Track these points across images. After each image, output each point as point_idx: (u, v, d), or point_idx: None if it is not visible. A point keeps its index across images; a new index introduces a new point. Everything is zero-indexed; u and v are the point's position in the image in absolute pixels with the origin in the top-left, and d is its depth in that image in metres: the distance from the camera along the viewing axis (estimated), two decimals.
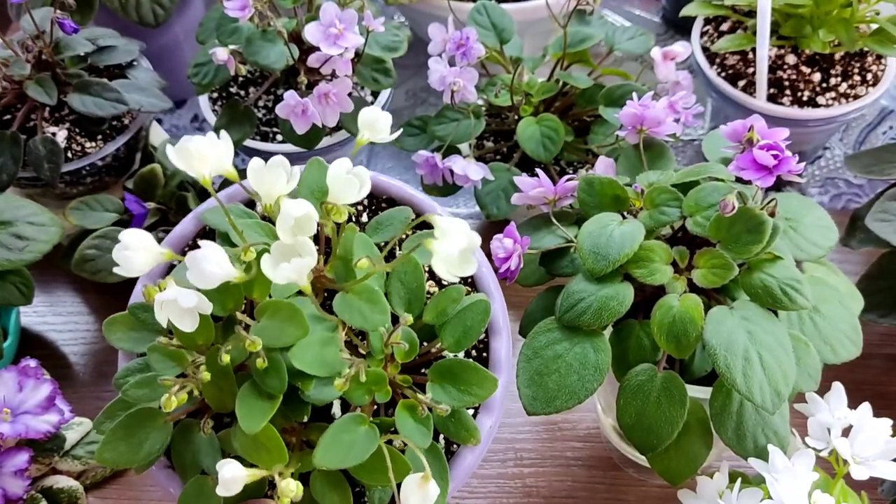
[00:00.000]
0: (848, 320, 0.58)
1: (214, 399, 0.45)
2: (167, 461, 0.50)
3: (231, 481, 0.40)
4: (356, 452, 0.44)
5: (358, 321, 0.44)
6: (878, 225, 0.69)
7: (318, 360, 0.43)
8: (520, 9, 0.94)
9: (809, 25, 0.86)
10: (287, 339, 0.43)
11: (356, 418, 0.45)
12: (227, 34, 0.81)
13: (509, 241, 0.58)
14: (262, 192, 0.43)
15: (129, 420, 0.46)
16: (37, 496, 0.66)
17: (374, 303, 0.44)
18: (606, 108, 0.80)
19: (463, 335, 0.50)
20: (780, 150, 0.55)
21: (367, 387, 0.46)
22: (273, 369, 0.43)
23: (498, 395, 0.51)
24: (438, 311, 0.50)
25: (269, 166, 0.42)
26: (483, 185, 0.80)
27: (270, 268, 0.40)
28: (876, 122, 1.04)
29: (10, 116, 0.81)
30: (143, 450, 0.46)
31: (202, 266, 0.39)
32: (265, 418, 0.42)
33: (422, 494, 0.41)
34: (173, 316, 0.41)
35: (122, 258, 0.41)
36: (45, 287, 0.92)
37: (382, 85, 0.83)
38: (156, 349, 0.47)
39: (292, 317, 0.43)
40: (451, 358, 0.50)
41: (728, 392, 0.54)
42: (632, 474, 0.76)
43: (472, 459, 0.51)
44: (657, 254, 0.55)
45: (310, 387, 0.44)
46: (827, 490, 0.52)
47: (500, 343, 0.55)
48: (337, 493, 0.46)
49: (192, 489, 0.46)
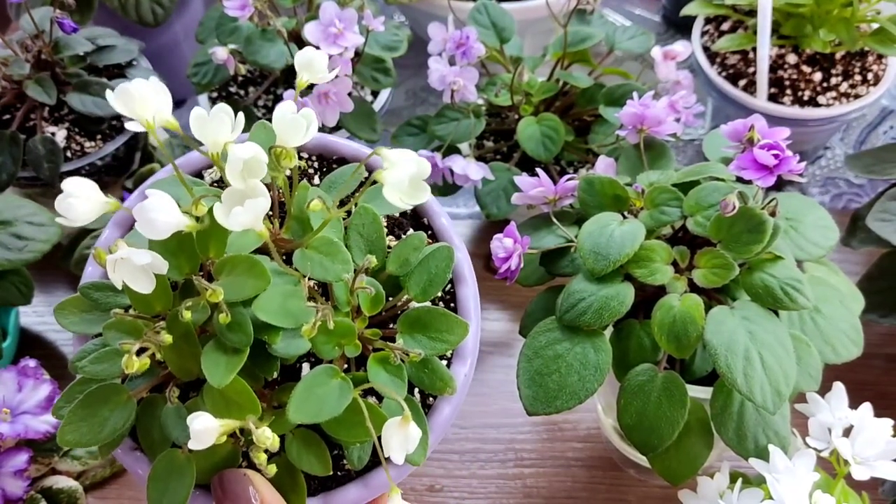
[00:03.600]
0: (849, 320, 0.58)
1: (177, 365, 0.43)
2: (133, 443, 0.47)
3: (203, 432, 0.38)
4: (331, 405, 0.42)
5: (319, 273, 0.42)
6: (879, 225, 0.69)
7: (283, 310, 0.42)
8: (520, 8, 0.94)
9: (810, 25, 0.86)
10: (249, 290, 0.41)
11: (328, 370, 0.44)
12: (226, 33, 0.81)
13: (509, 240, 0.58)
14: (208, 140, 0.41)
15: (89, 399, 0.44)
16: (36, 496, 0.65)
17: (335, 253, 0.43)
18: (607, 107, 0.80)
19: (428, 283, 0.48)
20: (780, 150, 0.55)
21: (336, 339, 0.45)
22: (236, 323, 0.41)
23: (469, 343, 0.50)
24: (401, 260, 0.48)
25: (213, 113, 0.40)
26: (483, 185, 0.80)
27: (223, 215, 0.38)
28: (877, 121, 1.04)
29: (9, 116, 0.81)
30: (106, 428, 0.44)
31: (151, 215, 0.37)
32: (233, 371, 0.41)
33: (402, 436, 0.40)
34: (128, 277, 0.39)
35: (65, 206, 0.39)
36: (44, 287, 0.92)
37: (382, 84, 0.83)
38: (112, 325, 0.44)
39: (252, 268, 0.41)
40: (419, 307, 0.49)
41: (729, 392, 0.54)
42: (632, 474, 0.76)
43: (449, 411, 0.49)
44: (658, 254, 0.55)
45: (276, 339, 0.42)
46: (828, 490, 0.52)
47: (466, 291, 0.52)
48: (314, 454, 0.45)
49: (162, 464, 0.44)
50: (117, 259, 0.38)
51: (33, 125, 0.80)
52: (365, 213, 0.48)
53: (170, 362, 0.43)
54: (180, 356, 0.43)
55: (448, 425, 0.50)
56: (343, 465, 0.48)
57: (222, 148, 0.40)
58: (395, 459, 0.40)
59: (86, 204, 0.39)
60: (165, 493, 0.43)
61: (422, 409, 0.48)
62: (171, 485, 0.43)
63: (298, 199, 0.45)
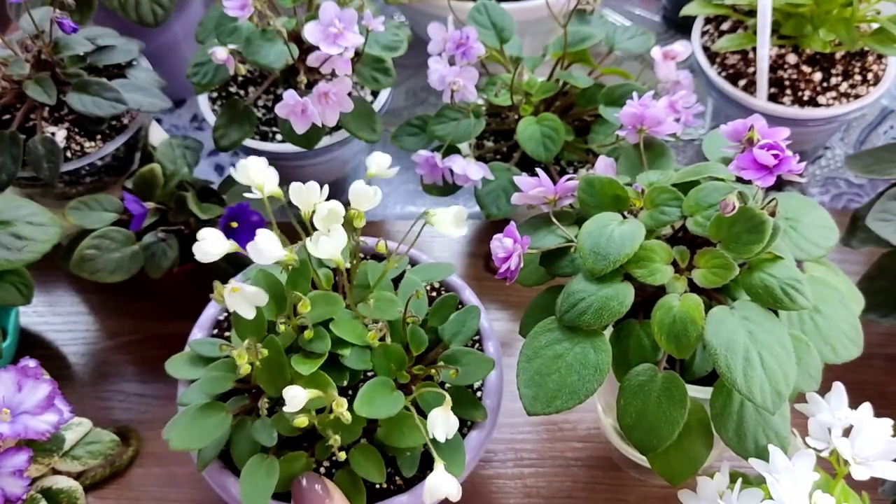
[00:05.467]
0: (849, 320, 0.58)
1: (267, 380, 0.56)
2: (222, 463, 0.60)
3: (294, 398, 0.50)
4: (387, 406, 0.55)
5: (377, 314, 0.59)
6: (879, 225, 0.69)
7: (351, 330, 0.57)
8: (520, 8, 0.94)
9: (810, 25, 0.86)
10: (327, 313, 0.57)
11: (385, 381, 0.57)
12: (226, 33, 0.81)
13: (509, 240, 0.58)
14: (301, 203, 0.56)
15: (197, 412, 0.57)
16: (36, 496, 0.65)
17: (390, 301, 0.59)
18: (606, 107, 0.80)
19: (461, 333, 0.63)
20: (780, 150, 0.55)
21: (391, 361, 0.58)
22: (318, 336, 0.56)
23: (493, 381, 0.64)
24: (440, 315, 0.63)
25: (307, 187, 0.56)
26: (483, 185, 0.80)
27: (313, 246, 0.54)
28: (877, 121, 1.04)
29: (9, 116, 0.81)
30: (208, 435, 0.56)
31: (260, 247, 0.52)
32: (316, 365, 0.55)
33: (445, 418, 0.53)
34: (238, 305, 0.53)
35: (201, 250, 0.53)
36: (44, 287, 0.92)
37: (382, 84, 0.83)
38: (215, 368, 0.60)
39: (328, 299, 0.57)
40: (454, 348, 0.62)
41: (729, 392, 0.54)
42: (632, 475, 0.76)
43: (480, 435, 0.61)
44: (657, 254, 0.55)
45: (346, 352, 0.57)
46: (828, 490, 0.52)
47: (489, 343, 0.67)
48: (372, 464, 0.57)
49: (254, 464, 0.56)
50: (231, 289, 0.53)
51: (33, 125, 0.80)
52: (411, 282, 0.64)
53: (261, 379, 0.56)
54: (270, 372, 0.56)
55: (480, 448, 0.62)
56: (395, 480, 0.60)
57: (312, 208, 0.56)
58: (439, 437, 0.52)
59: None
60: (255, 486, 0.55)
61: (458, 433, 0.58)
62: (259, 480, 0.55)
63: (360, 273, 0.61)
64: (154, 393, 0.84)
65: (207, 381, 0.59)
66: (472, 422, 0.62)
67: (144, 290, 0.89)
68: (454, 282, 0.70)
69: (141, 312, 0.90)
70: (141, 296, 0.90)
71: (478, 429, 0.62)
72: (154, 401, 0.83)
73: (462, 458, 0.58)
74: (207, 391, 0.59)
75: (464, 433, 0.61)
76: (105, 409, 0.83)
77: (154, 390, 0.84)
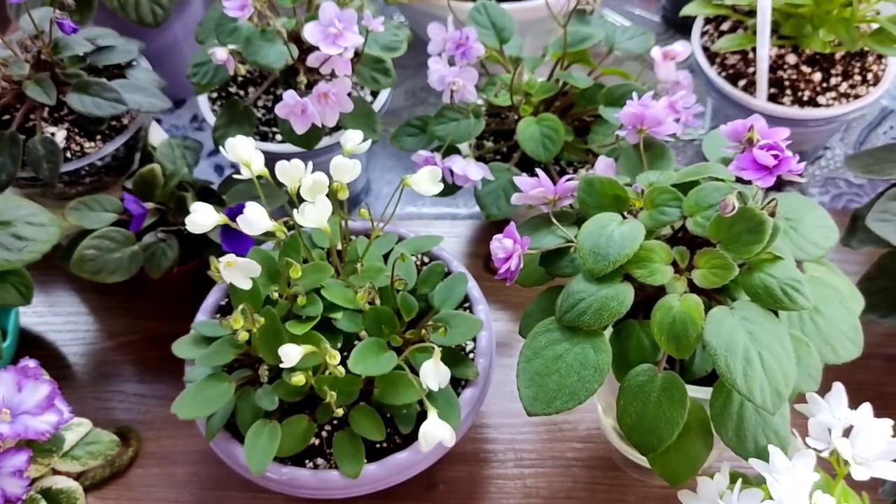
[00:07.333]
0: (848, 320, 0.58)
1: (266, 346, 0.59)
2: (228, 433, 0.64)
3: (290, 353, 0.53)
4: (381, 364, 0.58)
5: (366, 279, 0.63)
6: (879, 225, 0.69)
7: (342, 295, 0.62)
8: (520, 8, 0.94)
9: (810, 25, 0.86)
10: (318, 280, 0.61)
11: (378, 342, 0.61)
12: (226, 34, 0.81)
13: (509, 241, 0.58)
14: (287, 180, 0.60)
15: (202, 383, 0.61)
16: (36, 497, 0.65)
17: (378, 269, 0.64)
18: (606, 107, 0.80)
19: (449, 298, 0.68)
20: (780, 150, 0.55)
21: (383, 323, 0.62)
22: (311, 302, 0.61)
23: (485, 341, 0.68)
24: (429, 282, 0.68)
25: (292, 163, 0.60)
26: (483, 185, 0.80)
27: (299, 216, 0.57)
28: (876, 121, 1.04)
29: (9, 116, 0.81)
30: (212, 403, 0.60)
31: (250, 218, 0.56)
32: (310, 325, 0.59)
33: (435, 369, 0.56)
34: (234, 277, 0.57)
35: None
36: (44, 287, 0.92)
37: (382, 84, 0.83)
38: (217, 344, 0.64)
39: (319, 267, 0.61)
40: (444, 312, 0.66)
41: (728, 392, 0.54)
42: (632, 475, 0.76)
43: (474, 392, 0.66)
44: (657, 254, 0.55)
45: (339, 315, 0.61)
46: (828, 491, 0.52)
47: (479, 307, 0.71)
48: (372, 424, 0.62)
49: (257, 428, 0.59)
50: (225, 262, 0.57)
51: (33, 125, 0.80)
52: (401, 259, 0.66)
53: (260, 347, 0.60)
54: (268, 340, 0.59)
55: (476, 404, 0.66)
56: (395, 439, 0.65)
57: (298, 182, 0.59)
58: (432, 386, 0.56)
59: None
60: (258, 448, 0.59)
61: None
62: (262, 442, 0.59)
63: (351, 249, 0.66)
64: (154, 393, 0.84)
65: (210, 354, 0.63)
66: (466, 381, 0.66)
67: (144, 290, 0.89)
68: (441, 254, 0.74)
69: (141, 312, 0.90)
70: (141, 296, 0.90)
71: (472, 386, 0.66)
72: (154, 401, 0.83)
73: (457, 410, 0.62)
74: (211, 363, 0.63)
75: (458, 393, 0.65)
76: (105, 410, 0.83)
77: (154, 390, 0.84)
